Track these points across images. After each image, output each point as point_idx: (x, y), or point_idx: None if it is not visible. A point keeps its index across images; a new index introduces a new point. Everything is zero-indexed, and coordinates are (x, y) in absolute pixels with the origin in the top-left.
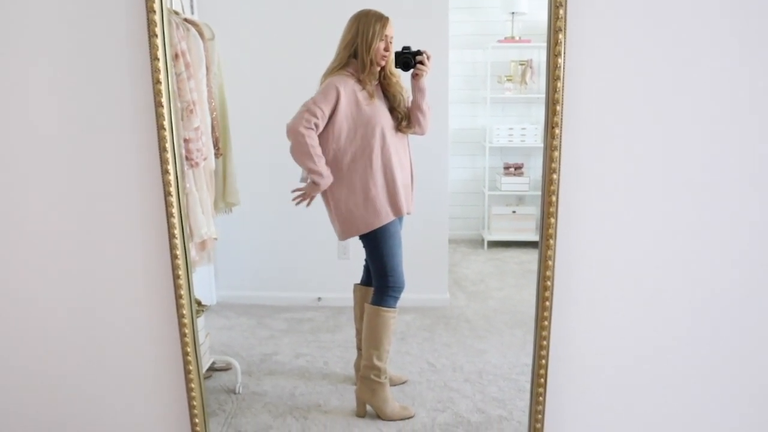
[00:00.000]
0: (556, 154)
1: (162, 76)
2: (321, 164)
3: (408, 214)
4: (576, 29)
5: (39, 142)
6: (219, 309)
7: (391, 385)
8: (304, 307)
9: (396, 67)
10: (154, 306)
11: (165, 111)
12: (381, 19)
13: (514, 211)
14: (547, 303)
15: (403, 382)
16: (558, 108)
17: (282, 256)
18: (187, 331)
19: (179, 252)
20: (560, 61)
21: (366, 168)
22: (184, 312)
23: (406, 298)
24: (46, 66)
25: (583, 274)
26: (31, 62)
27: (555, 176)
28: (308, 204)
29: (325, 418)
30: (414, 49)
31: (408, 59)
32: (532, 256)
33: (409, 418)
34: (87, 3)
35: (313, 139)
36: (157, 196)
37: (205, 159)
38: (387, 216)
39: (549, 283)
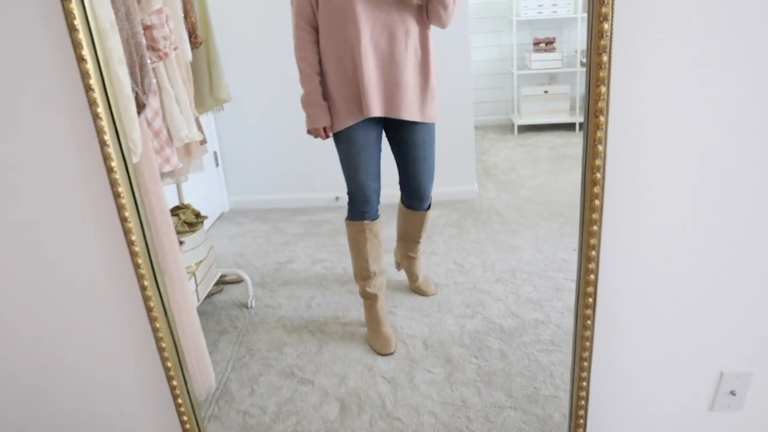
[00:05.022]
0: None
1: None
2: (304, 67)
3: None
4: None
5: None
6: (232, 216)
7: (420, 294)
8: (322, 207)
9: None
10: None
11: None
12: None
13: (546, 91)
14: (597, 202)
15: (431, 295)
16: None
17: (294, 156)
18: (143, 272)
19: (115, 164)
20: None
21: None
22: (140, 262)
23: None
24: None
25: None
26: None
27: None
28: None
29: (343, 330)
30: None
31: None
32: (566, 140)
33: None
34: None
35: (300, 38)
36: (76, 90)
37: (176, 49)
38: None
39: (599, 174)
